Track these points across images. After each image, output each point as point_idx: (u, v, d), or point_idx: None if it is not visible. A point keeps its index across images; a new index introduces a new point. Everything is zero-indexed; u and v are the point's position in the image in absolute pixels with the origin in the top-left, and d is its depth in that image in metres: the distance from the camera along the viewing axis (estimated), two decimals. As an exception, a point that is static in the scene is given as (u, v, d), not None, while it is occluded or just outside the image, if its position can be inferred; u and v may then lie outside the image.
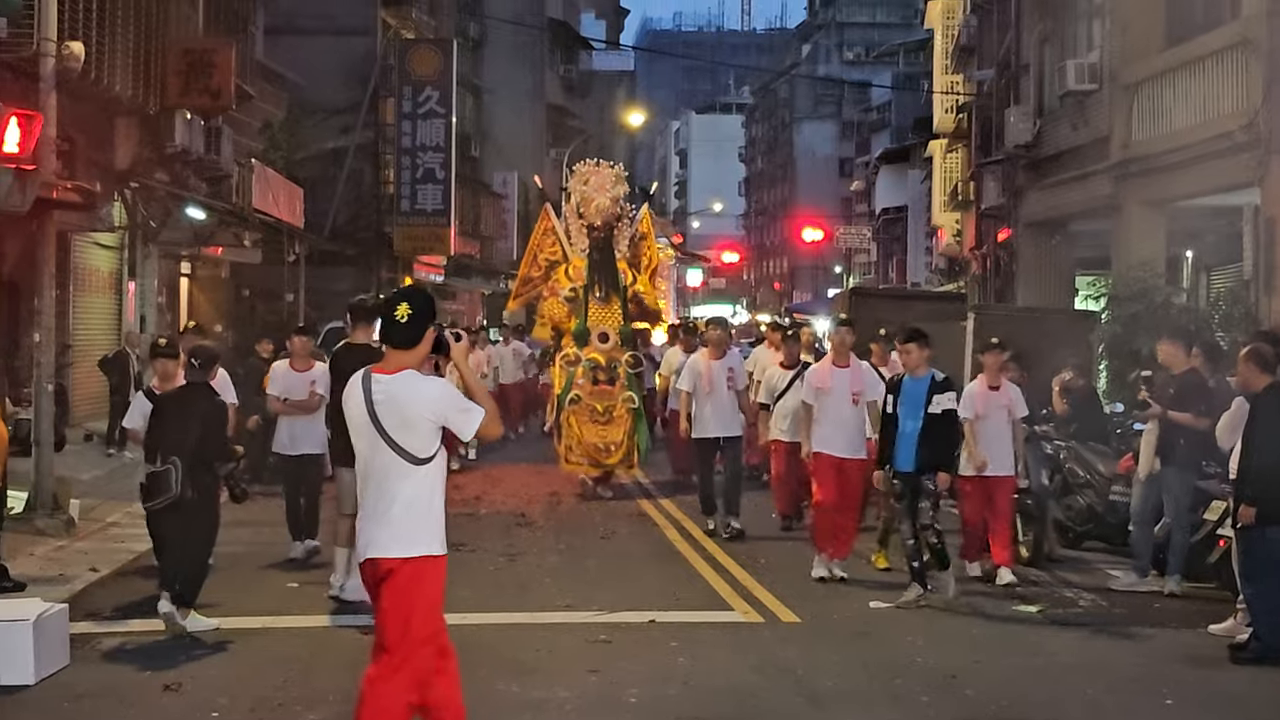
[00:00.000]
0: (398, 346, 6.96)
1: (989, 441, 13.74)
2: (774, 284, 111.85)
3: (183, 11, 25.49)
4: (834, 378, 13.98)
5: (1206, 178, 20.28)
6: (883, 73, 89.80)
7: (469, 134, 48.94)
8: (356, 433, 7.02)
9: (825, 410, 13.87)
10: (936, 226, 50.74)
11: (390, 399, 6.87)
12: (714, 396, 16.45)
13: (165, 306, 26.71)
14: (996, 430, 13.80)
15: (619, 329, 20.19)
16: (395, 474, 6.91)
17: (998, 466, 13.74)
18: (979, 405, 13.82)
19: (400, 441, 6.87)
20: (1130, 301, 19.85)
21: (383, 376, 6.94)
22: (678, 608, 12.26)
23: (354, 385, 7.03)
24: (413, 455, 6.90)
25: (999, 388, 13.95)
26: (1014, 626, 11.79)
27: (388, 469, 6.91)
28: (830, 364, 14.26)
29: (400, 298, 7.05)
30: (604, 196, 20.36)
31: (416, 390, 6.91)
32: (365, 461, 7.01)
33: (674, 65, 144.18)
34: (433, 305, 7.14)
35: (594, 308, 20.18)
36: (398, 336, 6.96)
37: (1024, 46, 28.74)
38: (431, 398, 6.92)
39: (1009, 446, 13.84)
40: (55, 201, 16.56)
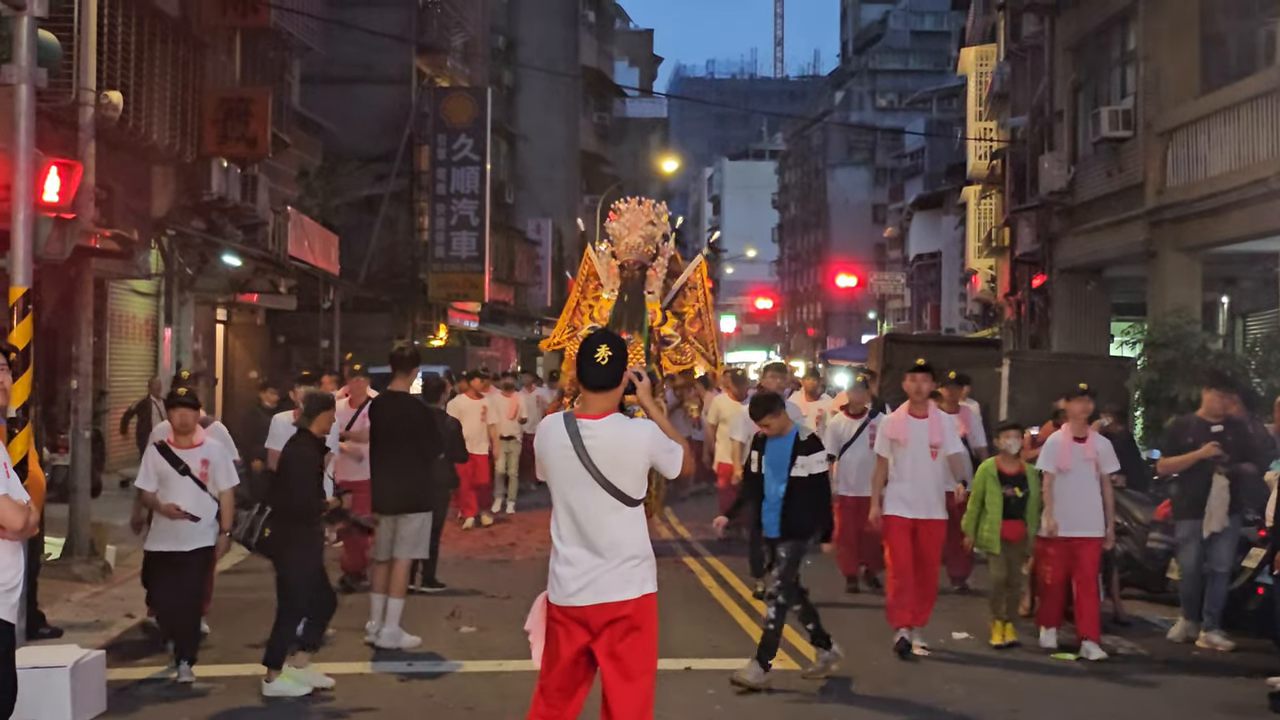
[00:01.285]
0: (599, 389, 7.02)
1: (1072, 499, 12.69)
2: (808, 330, 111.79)
3: (219, 61, 25.73)
4: (911, 428, 12.76)
5: (1242, 224, 20.23)
6: (916, 119, 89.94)
7: (503, 181, 49.15)
8: (562, 477, 7.01)
9: (900, 465, 12.70)
10: (971, 272, 50.69)
11: (602, 442, 6.93)
12: None
13: (201, 353, 26.83)
14: (1081, 486, 12.72)
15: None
16: (612, 517, 6.95)
17: (1083, 526, 12.69)
18: (1061, 458, 12.80)
19: (616, 483, 6.92)
20: (1166, 348, 19.79)
21: (589, 421, 6.99)
22: (714, 655, 12.22)
23: (554, 430, 7.06)
24: (628, 497, 6.96)
25: (1085, 439, 12.90)
26: (1052, 676, 11.68)
27: (602, 511, 6.95)
28: (906, 413, 12.90)
29: (599, 340, 7.06)
30: (635, 234, 18.99)
31: (627, 433, 7.00)
32: (573, 506, 7.01)
33: (707, 112, 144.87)
34: (625, 347, 7.23)
35: None
36: (599, 379, 7.00)
37: (1057, 93, 28.74)
38: (644, 440, 7.00)
39: (1096, 504, 12.73)
40: (94, 249, 16.67)
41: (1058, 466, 12.73)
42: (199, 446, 11.44)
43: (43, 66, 13.85)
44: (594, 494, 6.93)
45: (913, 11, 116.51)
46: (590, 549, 6.93)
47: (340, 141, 35.97)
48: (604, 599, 6.89)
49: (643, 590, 6.95)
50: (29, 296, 13.50)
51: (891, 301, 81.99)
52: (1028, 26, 33.73)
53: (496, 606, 14.19)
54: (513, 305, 50.20)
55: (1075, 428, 12.91)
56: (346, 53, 36.59)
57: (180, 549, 11.21)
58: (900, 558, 12.54)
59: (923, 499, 12.61)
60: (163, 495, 11.25)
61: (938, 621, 13.04)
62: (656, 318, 18.96)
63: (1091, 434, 13.00)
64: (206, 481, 11.30)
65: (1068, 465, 12.73)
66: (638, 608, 6.92)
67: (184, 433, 11.43)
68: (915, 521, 12.55)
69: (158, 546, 11.39)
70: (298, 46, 31.13)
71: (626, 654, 6.88)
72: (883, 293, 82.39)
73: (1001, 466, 13.07)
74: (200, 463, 11.35)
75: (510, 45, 55.28)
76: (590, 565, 6.92)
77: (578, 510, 6.98)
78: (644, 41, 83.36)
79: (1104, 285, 27.79)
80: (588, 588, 6.91)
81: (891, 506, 12.63)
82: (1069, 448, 12.83)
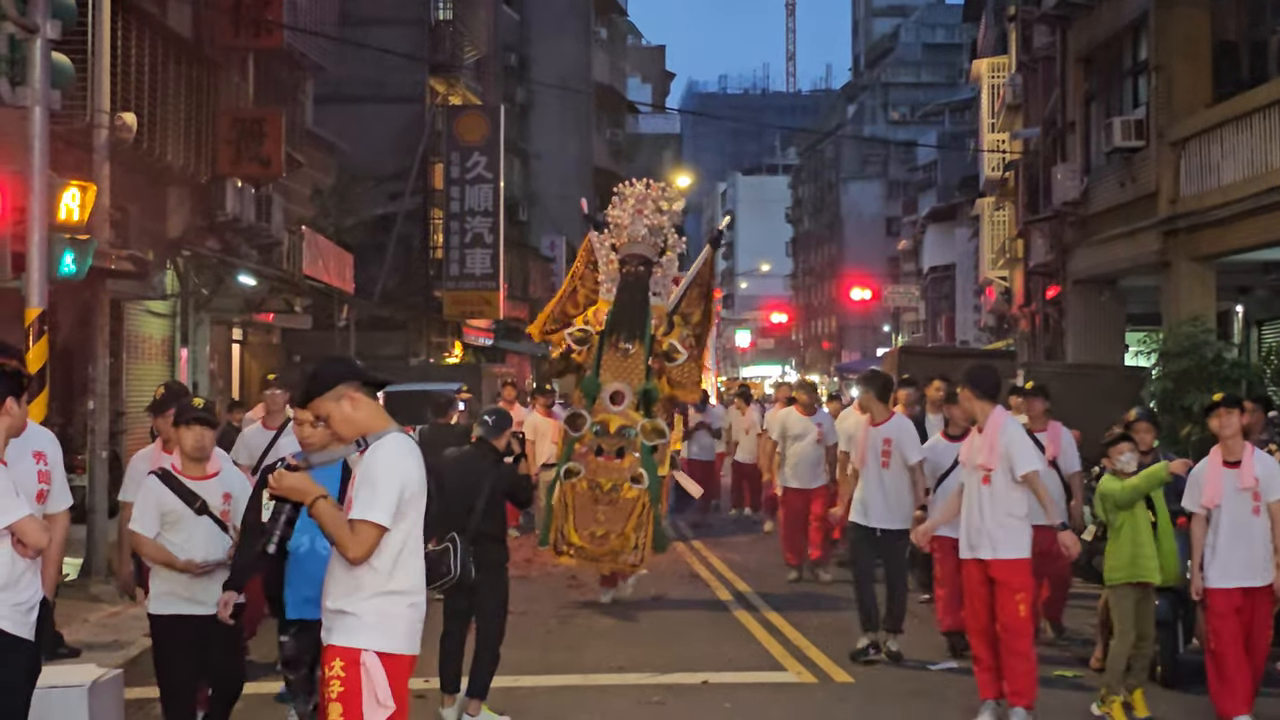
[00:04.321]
0: None
1: (1232, 541, 9.81)
2: (822, 344, 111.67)
3: (233, 81, 25.81)
4: (972, 446, 10.33)
5: (1256, 232, 20.20)
6: (928, 132, 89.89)
7: (517, 198, 49.20)
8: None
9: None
10: (985, 284, 50.64)
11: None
12: (865, 473, 12.78)
13: (217, 373, 26.86)
14: (1240, 524, 9.83)
15: (637, 388, 15.83)
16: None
17: (1251, 573, 9.84)
18: (1210, 492, 9.92)
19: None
20: (1181, 357, 19.76)
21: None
22: (731, 668, 12.23)
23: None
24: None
25: (1238, 463, 9.91)
26: (1063, 690, 11.51)
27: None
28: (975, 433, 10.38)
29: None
30: (639, 224, 16.39)
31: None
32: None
33: (720, 127, 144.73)
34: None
35: (610, 358, 15.94)
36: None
37: (1069, 104, 28.73)
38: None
39: (1264, 546, 9.83)
40: (109, 270, 16.74)
41: (1204, 503, 9.96)
42: (216, 476, 8.78)
43: (56, 89, 13.95)
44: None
45: (924, 24, 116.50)
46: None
47: (354, 160, 36.05)
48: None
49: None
50: (44, 317, 13.58)
51: (906, 314, 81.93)
52: (1039, 38, 33.73)
53: (512, 622, 14.15)
54: (527, 322, 50.15)
55: (1228, 449, 9.94)
56: (359, 72, 36.68)
57: (203, 611, 8.51)
58: (967, 599, 10.41)
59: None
60: (169, 541, 8.58)
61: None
62: (661, 325, 16.25)
63: (1253, 452, 10.02)
64: (228, 521, 8.70)
65: (1216, 500, 9.90)
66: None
67: (199, 459, 8.73)
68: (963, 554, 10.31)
69: (171, 609, 8.57)
70: (311, 66, 31.21)
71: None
72: (897, 306, 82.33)
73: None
74: (222, 497, 8.73)
75: (523, 63, 55.36)
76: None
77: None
78: (656, 57, 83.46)
79: (1118, 295, 27.76)
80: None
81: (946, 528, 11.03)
82: (1219, 476, 9.94)
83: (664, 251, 16.53)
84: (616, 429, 15.63)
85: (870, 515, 12.60)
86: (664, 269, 16.53)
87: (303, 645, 8.26)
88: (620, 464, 15.50)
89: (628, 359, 15.93)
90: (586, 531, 15.36)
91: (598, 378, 15.86)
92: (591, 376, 15.89)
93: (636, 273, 16.20)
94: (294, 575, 8.17)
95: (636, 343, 15.92)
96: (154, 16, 21.06)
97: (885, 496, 12.56)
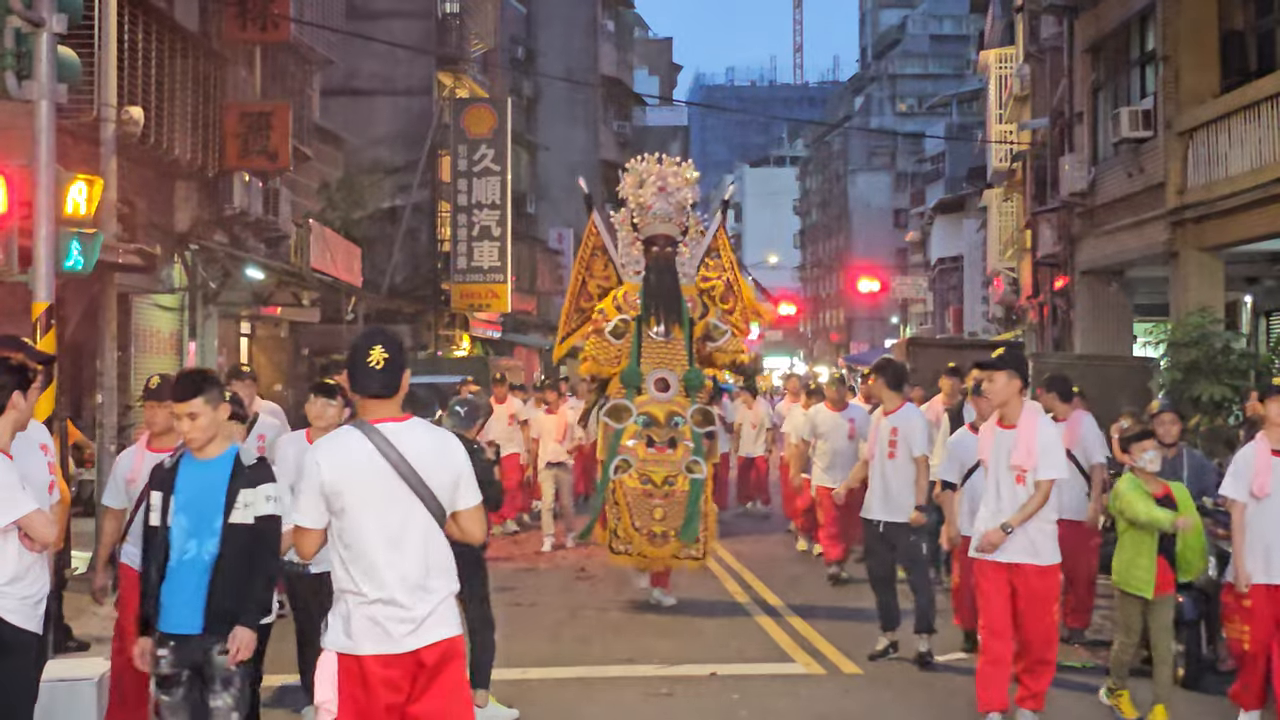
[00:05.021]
0: (375, 396, 6.19)
1: (1276, 532, 9.38)
2: (831, 336, 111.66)
3: (240, 75, 25.82)
4: (995, 441, 9.70)
5: (1264, 222, 20.16)
6: (936, 123, 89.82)
7: (524, 191, 49.24)
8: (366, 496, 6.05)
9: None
10: (993, 275, 50.61)
11: (421, 448, 6.15)
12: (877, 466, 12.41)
13: (225, 367, 26.90)
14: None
15: (684, 374, 14.95)
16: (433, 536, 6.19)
17: None
18: (1261, 481, 9.44)
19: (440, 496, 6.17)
20: (1189, 348, 19.71)
21: (393, 425, 6.17)
22: (739, 659, 12.24)
23: (348, 442, 6.17)
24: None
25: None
26: (1070, 675, 11.46)
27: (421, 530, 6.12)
28: (994, 424, 9.80)
29: (373, 340, 6.26)
30: (665, 201, 15.44)
31: (446, 441, 6.31)
32: (382, 529, 6.06)
33: (727, 119, 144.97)
34: (402, 349, 6.29)
35: (650, 345, 15.03)
36: (374, 384, 6.18)
37: (1077, 95, 28.68)
38: (461, 456, 6.26)
39: None
40: (117, 264, 16.77)
41: (1254, 491, 9.43)
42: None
43: (63, 83, 13.94)
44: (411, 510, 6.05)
45: (931, 16, 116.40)
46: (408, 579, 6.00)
47: (361, 153, 36.08)
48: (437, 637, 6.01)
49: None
50: (52, 311, 13.58)
51: (914, 306, 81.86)
52: (1046, 28, 33.69)
53: (521, 614, 14.20)
54: (535, 315, 50.26)
55: (1277, 437, 9.50)
56: (367, 65, 36.75)
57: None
58: (983, 603, 9.76)
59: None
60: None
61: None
62: (696, 307, 15.34)
63: None
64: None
65: (1267, 488, 9.40)
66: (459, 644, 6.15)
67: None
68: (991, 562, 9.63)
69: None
70: (318, 60, 31.22)
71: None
72: (905, 297, 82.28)
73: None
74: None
75: (530, 55, 55.41)
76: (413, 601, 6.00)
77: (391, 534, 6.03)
78: (663, 50, 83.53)
79: (1126, 286, 27.73)
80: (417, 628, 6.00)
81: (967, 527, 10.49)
82: (1269, 464, 9.43)
83: (686, 230, 15.62)
84: (666, 418, 14.77)
85: (873, 508, 12.29)
86: (690, 248, 15.63)
87: (182, 661, 7.12)
88: (673, 455, 14.66)
89: (669, 344, 15.04)
90: (645, 530, 14.51)
91: (639, 366, 14.92)
92: (632, 365, 14.92)
93: (665, 254, 15.24)
94: (172, 584, 7.10)
95: (675, 327, 15.03)
96: (160, 10, 21.06)
97: (886, 489, 12.16)
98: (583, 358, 15.74)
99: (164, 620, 7.10)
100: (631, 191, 15.70)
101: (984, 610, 9.61)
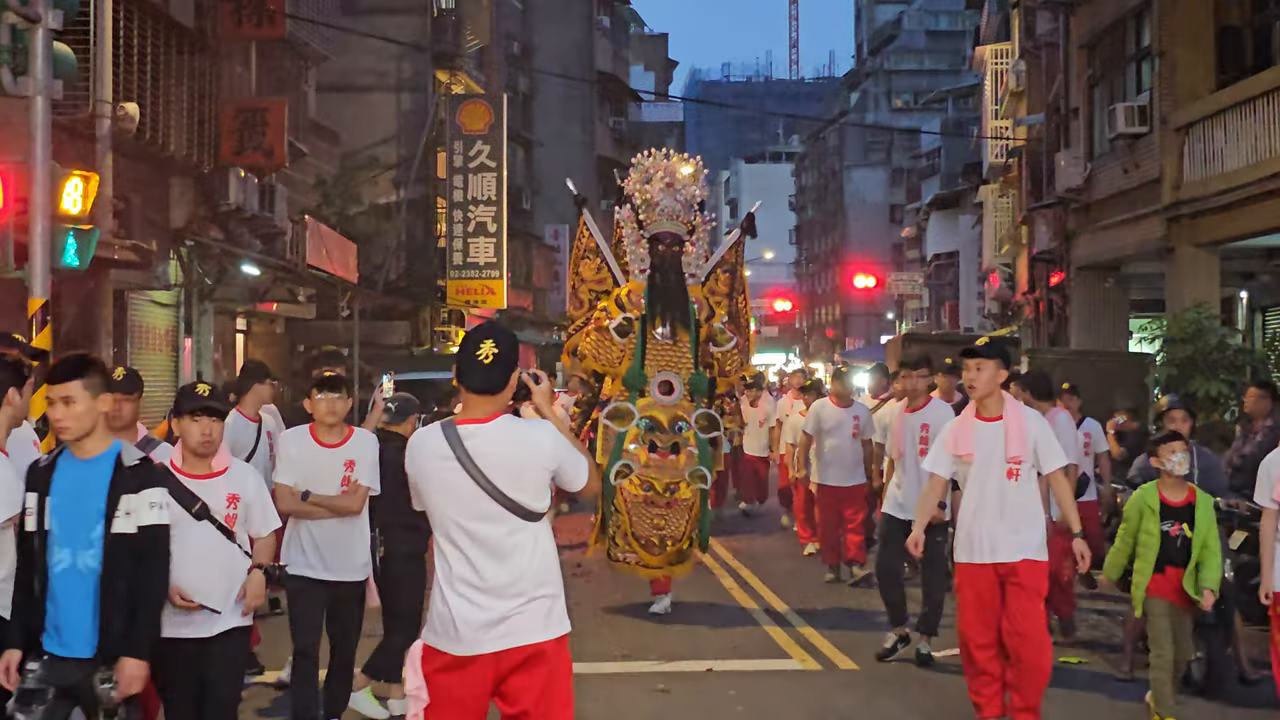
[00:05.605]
0: (481, 392, 6.03)
1: None
2: (826, 331, 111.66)
3: (235, 71, 25.81)
4: (979, 435, 9.25)
5: (1260, 218, 20.18)
6: (932, 119, 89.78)
7: (520, 187, 49.22)
8: (443, 498, 6.04)
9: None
10: (988, 271, 50.63)
11: (495, 449, 6.02)
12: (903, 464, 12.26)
13: (221, 363, 26.88)
14: None
15: (689, 377, 14.32)
16: (514, 541, 6.14)
17: None
18: None
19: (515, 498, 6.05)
20: (1185, 343, 19.73)
21: (474, 426, 6.05)
22: (735, 656, 12.23)
23: (429, 441, 6.08)
24: (529, 511, 6.07)
25: None
26: (1066, 673, 11.45)
27: (502, 536, 6.06)
28: (973, 418, 9.39)
29: (483, 335, 6.07)
30: (671, 198, 14.77)
31: (524, 436, 6.09)
32: (464, 532, 6.04)
33: (723, 115, 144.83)
34: (514, 343, 6.13)
35: (655, 347, 14.33)
36: (482, 380, 6.01)
37: (1073, 90, 28.70)
38: (545, 443, 6.10)
39: None
40: (113, 260, 16.76)
41: (1276, 498, 8.94)
42: (222, 475, 7.46)
43: (58, 79, 13.95)
44: (489, 514, 5.96)
45: (927, 11, 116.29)
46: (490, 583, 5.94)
47: (357, 150, 36.06)
48: (516, 642, 5.96)
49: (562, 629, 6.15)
50: (48, 308, 13.58)
51: (909, 302, 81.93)
52: (1042, 24, 33.69)
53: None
54: (531, 311, 50.26)
55: None
56: (362, 61, 36.70)
57: (199, 634, 7.20)
58: (965, 611, 9.38)
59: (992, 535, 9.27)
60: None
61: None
62: (703, 309, 14.69)
63: None
64: (235, 527, 7.38)
65: None
66: (556, 648, 6.14)
67: (206, 454, 7.39)
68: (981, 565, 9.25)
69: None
70: (314, 56, 31.22)
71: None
72: (901, 293, 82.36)
73: (1164, 494, 9.80)
74: (226, 499, 7.37)
75: (525, 51, 55.36)
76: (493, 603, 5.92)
77: (472, 537, 5.97)
78: (659, 46, 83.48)
79: (1122, 282, 27.76)
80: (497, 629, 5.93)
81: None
82: None
83: (693, 229, 14.86)
84: (670, 422, 14.07)
85: (901, 505, 11.90)
86: (695, 248, 14.87)
87: (53, 679, 6.37)
88: (676, 460, 13.96)
89: (675, 346, 14.33)
90: (644, 539, 13.94)
91: (643, 368, 14.23)
92: (636, 367, 14.23)
93: (672, 253, 14.51)
94: (52, 599, 6.40)
95: (682, 331, 14.32)
96: (156, 6, 21.05)
97: (917, 486, 11.49)
98: (581, 354, 14.91)
99: (46, 639, 6.38)
100: (638, 187, 15.03)
101: (966, 620, 9.21)
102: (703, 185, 15.25)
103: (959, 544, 9.28)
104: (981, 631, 9.14)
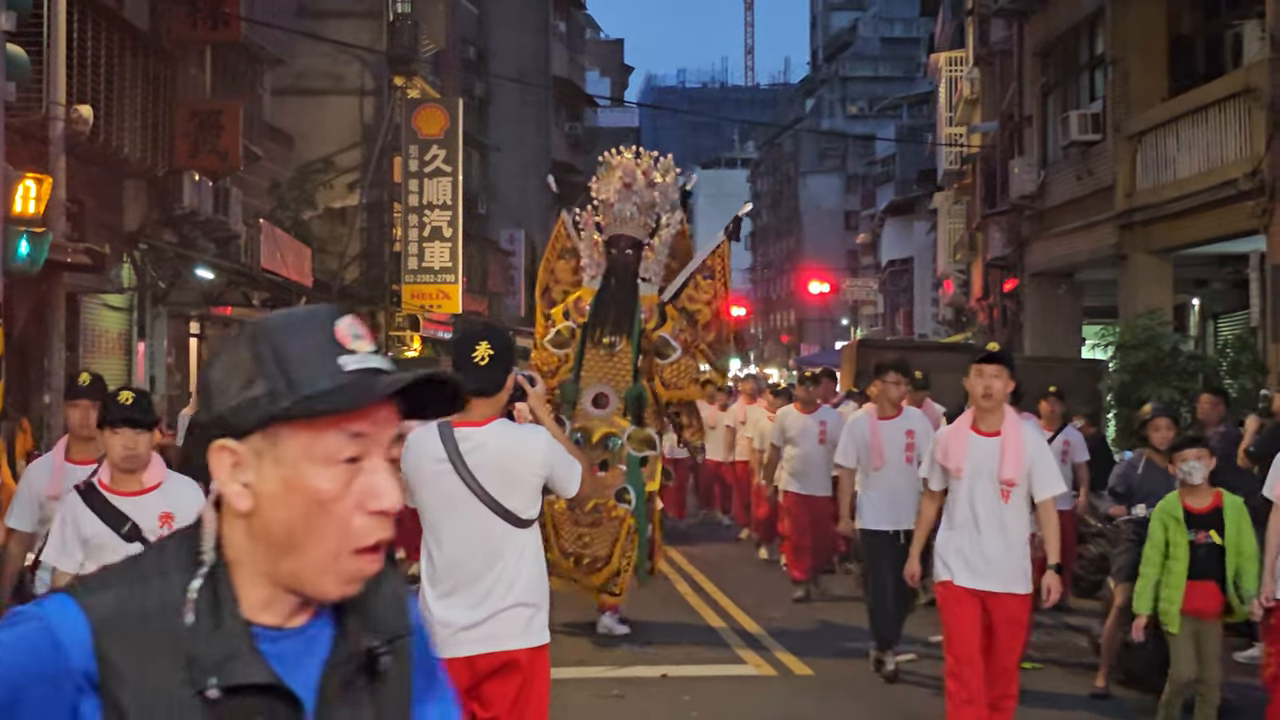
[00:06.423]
0: (478, 395, 5.98)
1: None
2: (781, 337, 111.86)
3: (190, 74, 25.68)
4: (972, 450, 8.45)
5: (1211, 226, 20.31)
6: (886, 126, 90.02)
7: (476, 191, 49.13)
8: (436, 500, 6.15)
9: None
10: (943, 277, 50.84)
11: (488, 453, 6.04)
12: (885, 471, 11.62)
13: (175, 367, 26.74)
14: None
15: (625, 390, 13.41)
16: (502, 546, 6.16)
17: None
18: None
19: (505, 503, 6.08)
20: (1138, 350, 19.85)
21: (470, 429, 6.05)
22: (690, 661, 12.23)
23: (425, 442, 6.08)
24: (518, 518, 6.12)
25: None
26: (1024, 676, 11.55)
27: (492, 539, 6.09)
28: (968, 430, 8.58)
29: (479, 336, 6.07)
30: (628, 202, 13.77)
31: (519, 440, 6.11)
32: (451, 535, 6.10)
33: (678, 121, 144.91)
34: (509, 344, 6.12)
35: (593, 357, 13.48)
36: (478, 382, 5.95)
37: (1026, 98, 28.85)
38: (539, 449, 6.12)
39: None
40: (65, 263, 16.65)
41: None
42: (154, 490, 6.71)
43: (11, 81, 13.87)
44: (480, 518, 5.96)
45: (882, 19, 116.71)
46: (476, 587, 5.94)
47: (312, 153, 35.94)
48: (493, 647, 5.95)
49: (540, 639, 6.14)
50: None
51: (864, 308, 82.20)
52: (996, 32, 33.87)
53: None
54: (486, 315, 50.16)
55: None
56: (318, 65, 36.58)
57: None
58: (953, 628, 8.52)
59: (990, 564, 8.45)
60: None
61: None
62: (652, 318, 13.63)
63: None
64: None
65: None
66: (533, 657, 6.12)
67: (131, 469, 6.67)
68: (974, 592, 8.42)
69: None
70: (269, 59, 31.10)
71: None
72: (855, 299, 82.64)
73: (1187, 502, 9.04)
74: (159, 518, 6.56)
75: (481, 56, 55.28)
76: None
77: (459, 540, 6.01)
78: (615, 51, 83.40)
79: (1075, 288, 27.89)
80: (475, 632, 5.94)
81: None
82: None
83: (655, 232, 13.93)
84: (599, 438, 13.18)
85: (881, 518, 11.39)
86: (656, 252, 13.89)
87: None
88: (604, 478, 12.91)
89: (613, 357, 13.42)
90: (571, 557, 12.95)
91: (578, 381, 13.38)
92: (571, 379, 13.40)
93: (624, 257, 13.61)
94: None
95: (623, 338, 13.41)
96: (110, 8, 20.93)
97: (894, 495, 11.26)
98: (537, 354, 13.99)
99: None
100: (598, 187, 14.13)
101: (954, 639, 8.40)
102: (672, 188, 14.22)
103: (939, 562, 8.50)
104: (964, 652, 8.34)
